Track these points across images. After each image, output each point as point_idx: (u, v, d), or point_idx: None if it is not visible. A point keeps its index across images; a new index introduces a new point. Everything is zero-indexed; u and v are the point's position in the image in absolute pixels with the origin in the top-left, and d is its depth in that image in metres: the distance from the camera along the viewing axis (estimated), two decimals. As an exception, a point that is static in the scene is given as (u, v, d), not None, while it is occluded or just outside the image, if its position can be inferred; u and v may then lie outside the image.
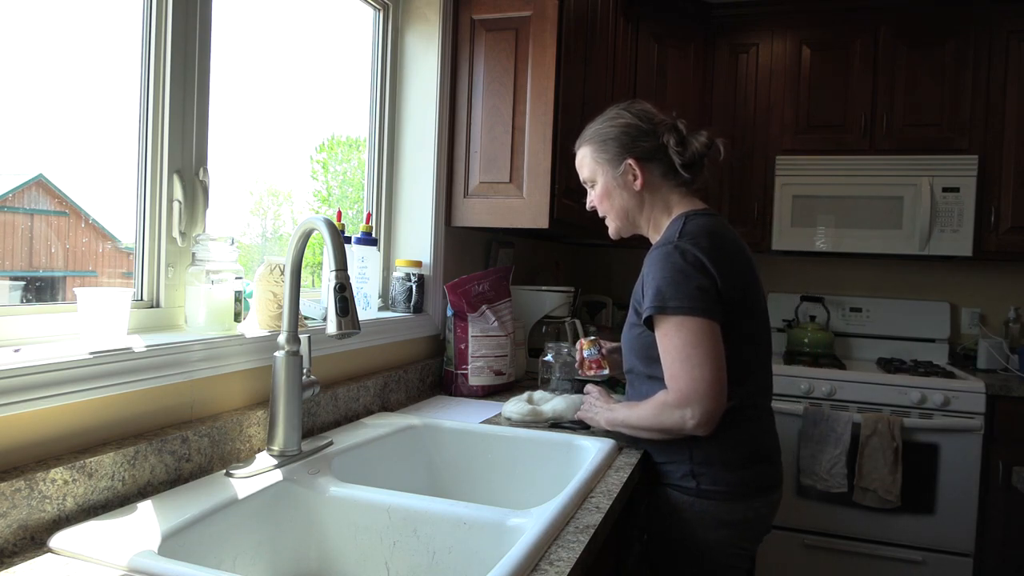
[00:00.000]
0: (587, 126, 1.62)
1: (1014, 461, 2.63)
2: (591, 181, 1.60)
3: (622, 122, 1.55)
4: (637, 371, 1.54)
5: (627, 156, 1.53)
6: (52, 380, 0.95)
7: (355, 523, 1.14)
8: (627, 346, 1.55)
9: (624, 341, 1.57)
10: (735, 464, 1.46)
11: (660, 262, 1.42)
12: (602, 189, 1.58)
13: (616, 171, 1.54)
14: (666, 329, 1.38)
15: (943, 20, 3.05)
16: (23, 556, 0.87)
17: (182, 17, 1.30)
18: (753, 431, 1.50)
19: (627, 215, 1.58)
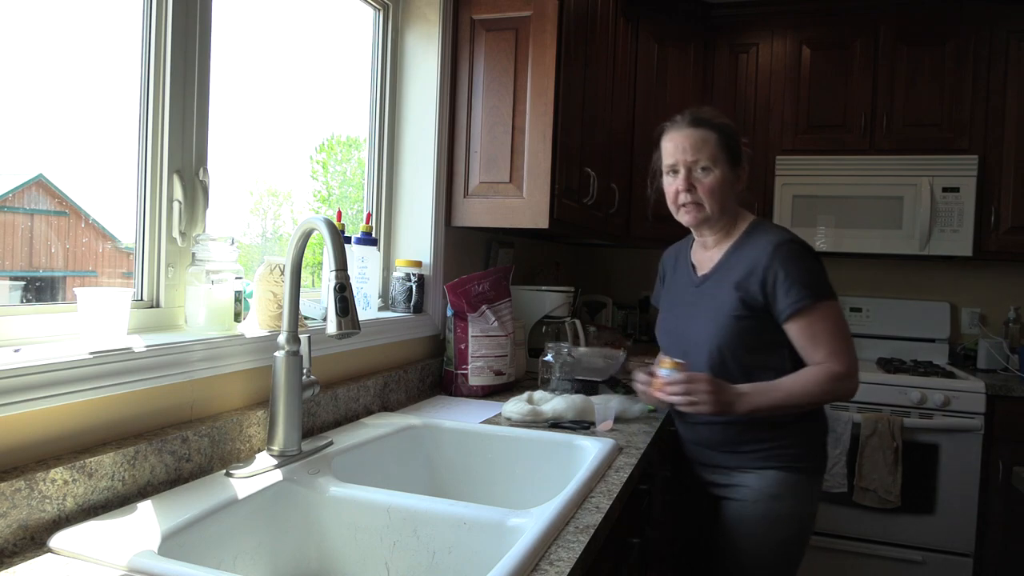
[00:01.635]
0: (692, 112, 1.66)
1: (1014, 461, 2.63)
2: (707, 164, 1.61)
3: (735, 130, 1.68)
4: (736, 360, 1.59)
5: (743, 162, 1.67)
6: (52, 380, 0.95)
7: (355, 523, 1.14)
8: (726, 337, 1.58)
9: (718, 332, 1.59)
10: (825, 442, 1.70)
11: (796, 256, 1.55)
12: (719, 180, 1.61)
13: (733, 171, 1.65)
14: (822, 314, 1.53)
15: (943, 20, 3.05)
16: (23, 556, 0.87)
17: (182, 17, 1.30)
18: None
19: (722, 211, 1.65)
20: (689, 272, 1.76)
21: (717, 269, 1.66)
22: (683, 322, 1.71)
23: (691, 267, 1.76)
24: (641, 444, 1.56)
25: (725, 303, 1.60)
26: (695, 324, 1.66)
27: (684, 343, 1.69)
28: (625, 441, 1.58)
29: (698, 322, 1.65)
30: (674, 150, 1.64)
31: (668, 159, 1.66)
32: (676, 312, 1.76)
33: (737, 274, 1.60)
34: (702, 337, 1.63)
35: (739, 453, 1.66)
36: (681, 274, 1.80)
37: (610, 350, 2.22)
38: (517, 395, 1.80)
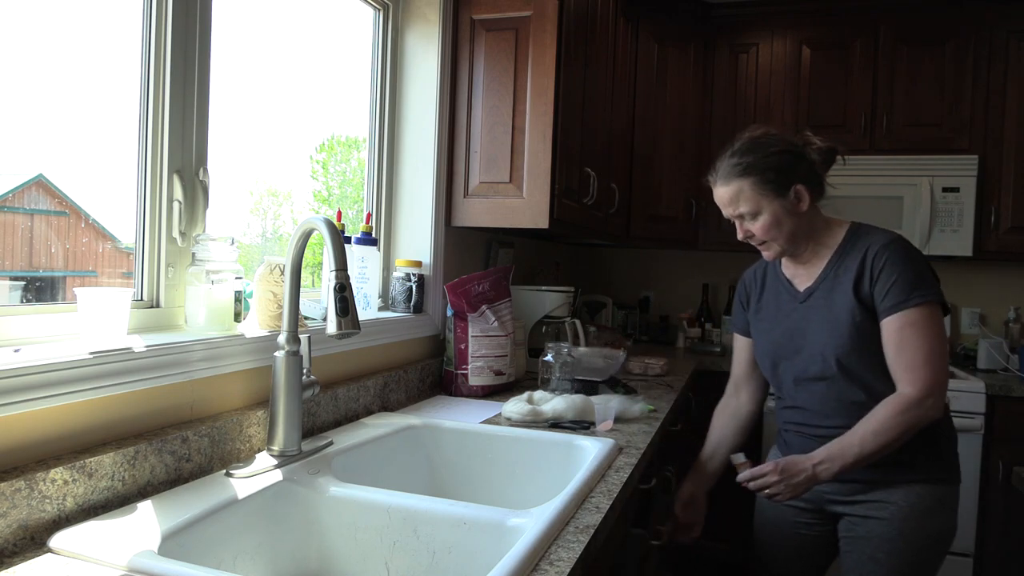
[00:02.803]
0: (726, 159, 1.61)
1: (1014, 461, 2.63)
2: (753, 213, 1.58)
3: (777, 149, 1.58)
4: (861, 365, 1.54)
5: (794, 182, 1.57)
6: (52, 380, 0.95)
7: (355, 523, 1.14)
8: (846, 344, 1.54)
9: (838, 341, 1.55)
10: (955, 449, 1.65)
11: (904, 254, 1.51)
12: (771, 219, 1.57)
13: (785, 199, 1.57)
14: (918, 318, 1.47)
15: (943, 20, 3.05)
16: (23, 556, 0.87)
17: (182, 17, 1.30)
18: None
19: (795, 238, 1.60)
20: (787, 288, 1.69)
21: (823, 279, 1.62)
22: (795, 338, 1.64)
23: (787, 283, 1.70)
24: (641, 444, 1.56)
25: (842, 310, 1.55)
26: (810, 337, 1.61)
27: (799, 358, 1.63)
28: (625, 441, 1.58)
29: (813, 334, 1.60)
30: (722, 204, 1.62)
31: (723, 211, 1.64)
32: (781, 332, 1.67)
33: (850, 278, 1.56)
34: (819, 348, 1.58)
35: (881, 467, 1.55)
36: (776, 292, 1.72)
37: (610, 350, 2.22)
38: (517, 395, 1.80)
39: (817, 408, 1.62)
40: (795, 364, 1.64)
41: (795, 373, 1.64)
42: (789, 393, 1.68)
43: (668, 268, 3.85)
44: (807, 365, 1.61)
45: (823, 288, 1.61)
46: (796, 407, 1.67)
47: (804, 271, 1.67)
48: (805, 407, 1.64)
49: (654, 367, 2.54)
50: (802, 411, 1.65)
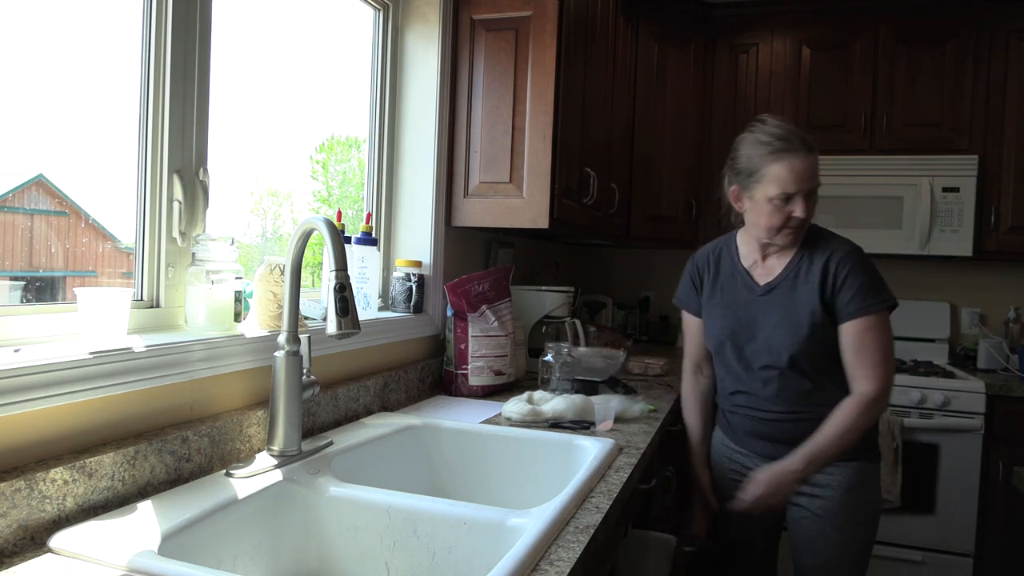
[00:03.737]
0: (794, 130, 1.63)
1: (1014, 461, 2.63)
2: (812, 191, 1.62)
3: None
4: (812, 365, 1.65)
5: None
6: (52, 380, 0.95)
7: (355, 523, 1.14)
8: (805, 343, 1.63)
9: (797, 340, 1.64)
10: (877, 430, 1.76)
11: (865, 262, 1.63)
12: (815, 201, 1.64)
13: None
14: (876, 323, 1.60)
15: (943, 20, 3.05)
16: (23, 556, 0.87)
17: (182, 17, 1.30)
18: None
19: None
20: (746, 280, 1.75)
21: (786, 277, 1.69)
22: (750, 328, 1.72)
23: (745, 273, 1.76)
24: (641, 444, 1.56)
25: (803, 310, 1.64)
26: (766, 330, 1.68)
27: (751, 347, 1.71)
28: (625, 441, 1.58)
29: (770, 328, 1.68)
30: (796, 179, 1.59)
31: (787, 187, 1.59)
32: (735, 320, 1.74)
33: (814, 280, 1.64)
34: (775, 342, 1.66)
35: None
36: (732, 280, 1.79)
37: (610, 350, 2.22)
38: (517, 395, 1.80)
39: (765, 395, 1.72)
40: (747, 352, 1.72)
41: (746, 361, 1.73)
42: (737, 378, 1.77)
43: (668, 268, 3.85)
44: (758, 355, 1.70)
45: (785, 286, 1.68)
46: (744, 392, 1.76)
47: (764, 266, 1.74)
48: (753, 392, 1.74)
49: (654, 367, 2.54)
50: (749, 395, 1.75)
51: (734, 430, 1.83)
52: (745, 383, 1.75)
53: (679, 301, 1.93)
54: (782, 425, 1.71)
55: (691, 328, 1.92)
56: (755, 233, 1.71)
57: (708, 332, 1.83)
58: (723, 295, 1.79)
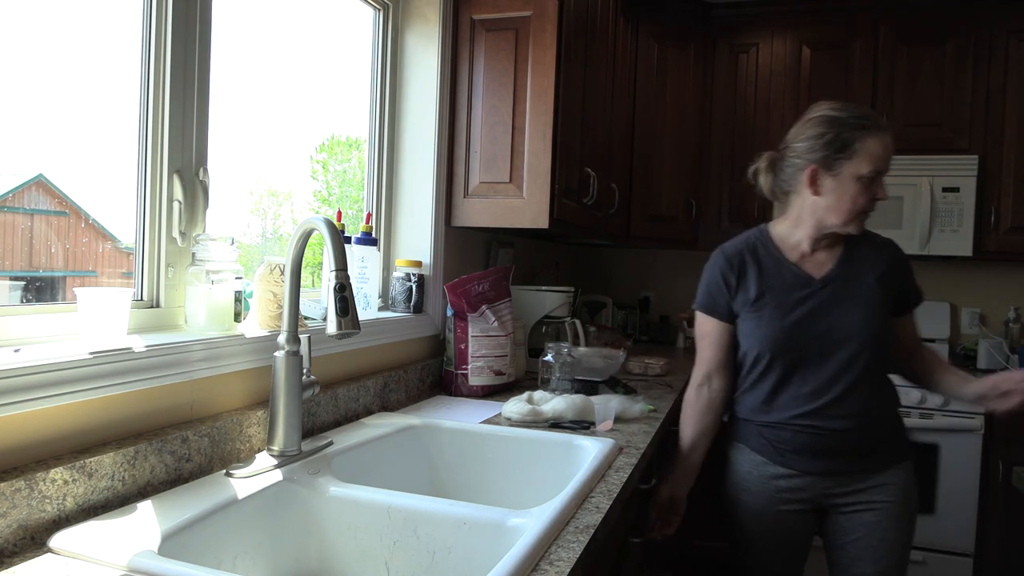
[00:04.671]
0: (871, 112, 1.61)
1: (1014, 461, 2.63)
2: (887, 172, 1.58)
3: None
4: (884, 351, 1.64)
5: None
6: (52, 380, 0.95)
7: (355, 523, 1.14)
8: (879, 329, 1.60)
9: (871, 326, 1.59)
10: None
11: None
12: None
13: None
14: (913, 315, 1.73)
15: (943, 20, 3.05)
16: (23, 556, 0.87)
17: (182, 17, 1.30)
18: None
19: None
20: (797, 275, 1.64)
21: (843, 269, 1.64)
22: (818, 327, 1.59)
23: (794, 267, 1.65)
24: (641, 444, 1.56)
25: (872, 298, 1.60)
26: (841, 320, 1.59)
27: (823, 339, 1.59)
28: (625, 441, 1.58)
29: (844, 318, 1.59)
30: (882, 158, 1.54)
31: (879, 164, 1.54)
32: (797, 318, 1.60)
33: (874, 270, 1.63)
34: (855, 331, 1.58)
35: (882, 452, 1.65)
36: (779, 277, 1.65)
37: (610, 350, 2.22)
38: (517, 395, 1.80)
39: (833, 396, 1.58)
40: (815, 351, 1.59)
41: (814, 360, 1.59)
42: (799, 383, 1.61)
43: (668, 268, 3.85)
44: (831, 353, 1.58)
45: (844, 277, 1.63)
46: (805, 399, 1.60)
47: (813, 259, 1.66)
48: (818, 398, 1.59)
49: (654, 367, 2.54)
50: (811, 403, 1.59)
51: (775, 446, 1.65)
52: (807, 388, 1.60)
53: (705, 306, 1.72)
54: (848, 435, 1.60)
55: (713, 334, 1.71)
56: (826, 220, 1.60)
57: (756, 337, 1.63)
58: (773, 293, 1.63)
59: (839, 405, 1.59)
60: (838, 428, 1.59)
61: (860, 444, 1.61)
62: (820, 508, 1.70)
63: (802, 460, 1.63)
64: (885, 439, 1.65)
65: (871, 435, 1.62)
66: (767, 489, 1.67)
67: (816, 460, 1.63)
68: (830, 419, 1.59)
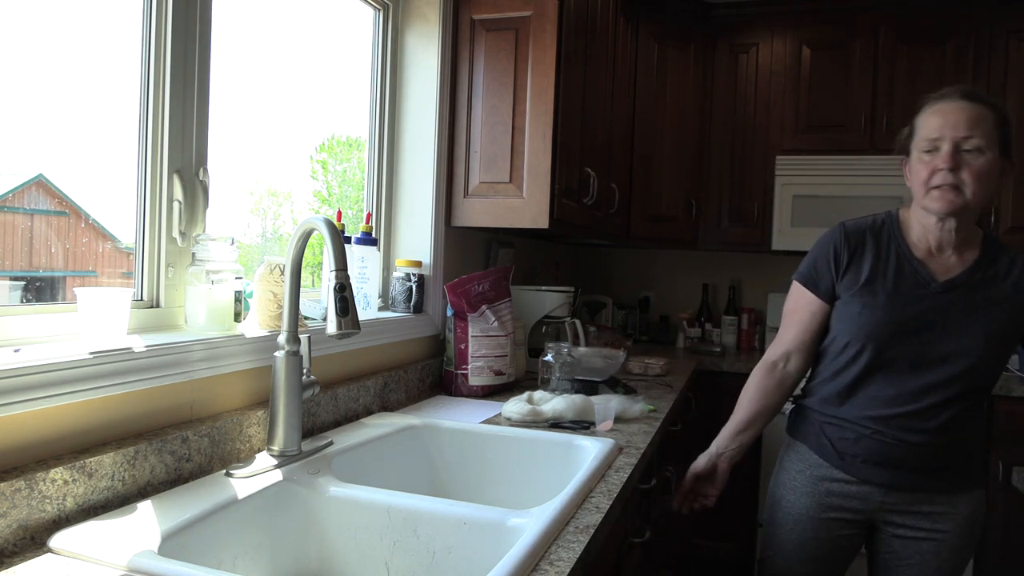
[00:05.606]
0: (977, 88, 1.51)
1: (1014, 461, 2.63)
2: (980, 144, 1.40)
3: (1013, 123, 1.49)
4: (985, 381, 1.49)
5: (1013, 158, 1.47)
6: (52, 380, 0.95)
7: (355, 523, 1.14)
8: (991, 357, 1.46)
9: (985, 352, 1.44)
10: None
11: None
12: (989, 164, 1.41)
13: (1002, 159, 1.45)
14: None
15: (943, 20, 3.05)
16: (23, 556, 0.87)
17: (182, 17, 1.30)
18: None
19: (978, 205, 1.44)
20: (918, 271, 1.49)
21: (971, 277, 1.47)
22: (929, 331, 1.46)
23: (917, 263, 1.50)
24: (641, 444, 1.56)
25: (995, 321, 1.44)
26: (951, 336, 1.45)
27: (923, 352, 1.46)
28: (625, 441, 1.58)
29: (956, 334, 1.44)
30: (942, 124, 1.42)
31: (931, 133, 1.44)
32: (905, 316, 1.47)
33: (1004, 291, 1.46)
34: (964, 351, 1.44)
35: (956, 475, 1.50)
36: (898, 267, 1.51)
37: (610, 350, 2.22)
38: (517, 395, 1.80)
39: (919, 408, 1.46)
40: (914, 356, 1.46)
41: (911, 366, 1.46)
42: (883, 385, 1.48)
43: (668, 268, 3.85)
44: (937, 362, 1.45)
45: (971, 286, 1.46)
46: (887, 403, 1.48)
47: (941, 259, 1.50)
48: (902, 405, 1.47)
49: (654, 367, 2.54)
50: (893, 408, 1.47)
51: (839, 450, 1.54)
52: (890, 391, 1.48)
53: (807, 277, 1.59)
54: (920, 451, 1.47)
55: (805, 311, 1.58)
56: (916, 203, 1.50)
57: (855, 323, 1.50)
58: (886, 283, 1.49)
59: (920, 418, 1.46)
60: (911, 441, 1.46)
61: (931, 462, 1.48)
62: (872, 524, 1.57)
63: (863, 467, 1.51)
64: (960, 462, 1.50)
65: (946, 456, 1.48)
66: (816, 492, 1.56)
67: (878, 469, 1.50)
68: (905, 431, 1.46)
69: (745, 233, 3.32)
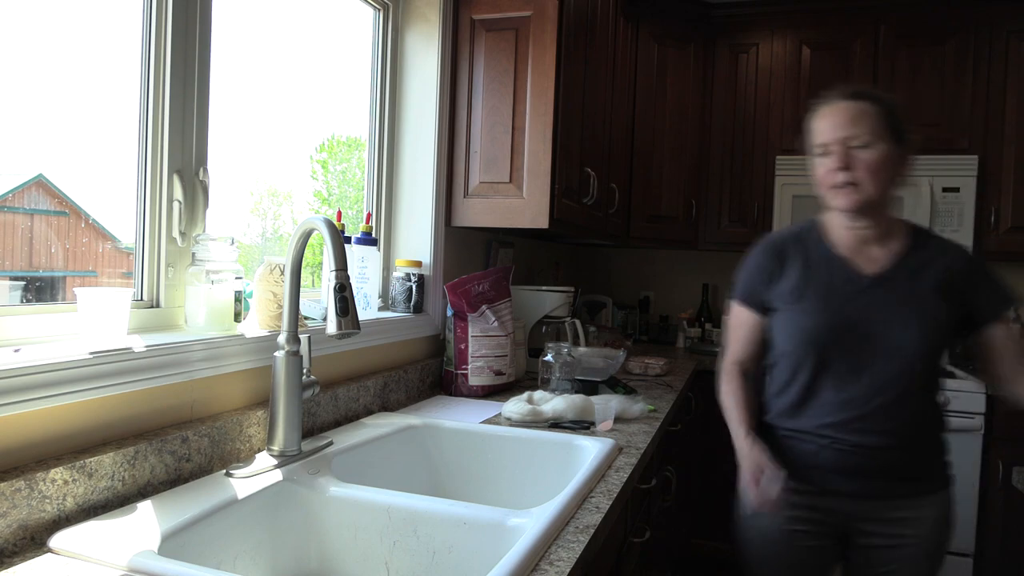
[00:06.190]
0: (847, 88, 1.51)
1: (1014, 461, 2.63)
2: (866, 139, 1.42)
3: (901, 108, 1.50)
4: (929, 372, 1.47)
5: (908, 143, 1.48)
6: (52, 380, 0.95)
7: (355, 523, 1.14)
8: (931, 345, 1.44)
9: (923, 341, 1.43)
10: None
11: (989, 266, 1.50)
12: (881, 156, 1.42)
13: (897, 147, 1.45)
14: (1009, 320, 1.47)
15: (943, 20, 3.05)
16: (23, 556, 0.88)
17: (182, 17, 1.30)
18: None
19: (883, 197, 1.47)
20: (845, 270, 1.50)
21: (899, 269, 1.48)
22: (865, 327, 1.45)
23: (843, 262, 1.51)
24: (641, 444, 1.56)
25: (932, 308, 1.43)
26: (891, 331, 1.44)
27: (867, 349, 1.45)
28: (625, 441, 1.58)
29: (895, 329, 1.44)
30: (826, 128, 1.47)
31: (821, 137, 1.48)
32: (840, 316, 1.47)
33: (934, 278, 1.45)
34: (906, 344, 1.43)
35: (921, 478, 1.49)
36: (827, 270, 1.52)
37: (610, 350, 2.22)
38: (517, 395, 1.80)
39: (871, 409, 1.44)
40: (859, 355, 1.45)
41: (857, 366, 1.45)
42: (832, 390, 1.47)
43: (668, 268, 3.85)
44: (881, 359, 1.44)
45: (900, 279, 1.47)
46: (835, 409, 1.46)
47: (866, 254, 1.51)
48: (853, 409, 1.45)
49: (654, 367, 2.54)
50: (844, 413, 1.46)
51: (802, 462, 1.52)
52: (843, 396, 1.46)
53: (742, 295, 1.61)
54: (880, 455, 1.45)
55: (745, 326, 1.61)
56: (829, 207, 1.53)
57: (791, 332, 1.51)
58: (817, 287, 1.51)
59: (873, 419, 1.44)
60: (869, 445, 1.45)
61: (893, 467, 1.46)
62: (844, 534, 1.55)
63: (824, 476, 1.50)
64: (922, 465, 1.49)
65: (907, 459, 1.46)
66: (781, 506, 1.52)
67: (841, 479, 1.49)
68: (861, 433, 1.44)
69: (745, 233, 3.32)
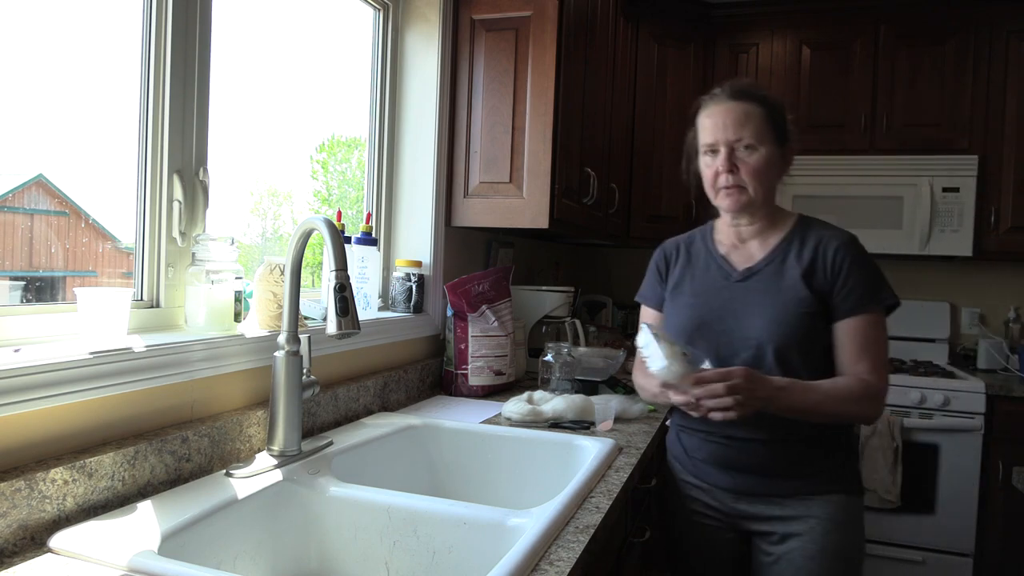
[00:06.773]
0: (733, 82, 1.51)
1: (1014, 461, 2.63)
2: (751, 143, 1.44)
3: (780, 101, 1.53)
4: (788, 363, 1.42)
5: (790, 141, 1.53)
6: (52, 380, 0.95)
7: (355, 523, 1.14)
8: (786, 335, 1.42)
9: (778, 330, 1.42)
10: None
11: (865, 254, 1.47)
12: (765, 159, 1.45)
13: (780, 148, 1.50)
14: (878, 321, 1.45)
15: (943, 20, 3.05)
16: (23, 556, 0.88)
17: (182, 17, 1.30)
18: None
19: (767, 196, 1.50)
20: (721, 266, 1.55)
21: (769, 262, 1.49)
22: (724, 319, 1.48)
23: (721, 259, 1.56)
24: (641, 444, 1.56)
25: (789, 298, 1.43)
26: (744, 320, 1.46)
27: (724, 342, 1.46)
28: (625, 441, 1.58)
29: (748, 318, 1.45)
30: (713, 127, 1.46)
31: (707, 137, 1.48)
32: (706, 310, 1.51)
33: (801, 266, 1.45)
34: (754, 335, 1.43)
35: (803, 477, 1.45)
36: (705, 266, 1.57)
37: (610, 350, 2.22)
38: (517, 395, 1.80)
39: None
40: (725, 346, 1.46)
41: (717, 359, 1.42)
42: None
43: (668, 268, 3.84)
44: (734, 352, 1.44)
45: (768, 271, 1.48)
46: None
47: (744, 250, 1.55)
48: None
49: (654, 367, 2.54)
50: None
51: (689, 455, 1.57)
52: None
53: (643, 295, 1.69)
54: (755, 450, 1.45)
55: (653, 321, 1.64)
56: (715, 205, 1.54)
57: (670, 325, 1.55)
58: (692, 283, 1.57)
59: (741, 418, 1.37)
60: (739, 438, 1.46)
61: (764, 463, 1.46)
62: (740, 531, 1.55)
63: (711, 472, 1.53)
64: (809, 462, 1.46)
65: (787, 454, 1.45)
66: (683, 496, 1.59)
67: (721, 473, 1.51)
68: (730, 426, 1.41)
69: (745, 233, 3.32)
